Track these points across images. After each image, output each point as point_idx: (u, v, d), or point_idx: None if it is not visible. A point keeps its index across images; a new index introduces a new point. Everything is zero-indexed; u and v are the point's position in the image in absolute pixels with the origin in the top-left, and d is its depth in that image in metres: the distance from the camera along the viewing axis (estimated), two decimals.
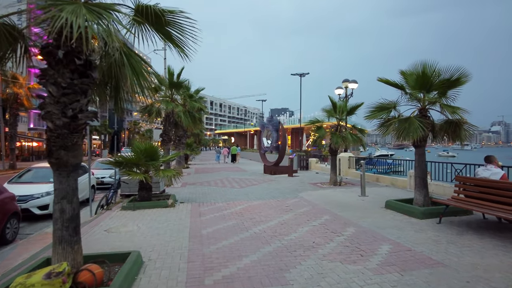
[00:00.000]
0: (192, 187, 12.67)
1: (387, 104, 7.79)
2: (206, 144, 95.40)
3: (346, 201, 8.88)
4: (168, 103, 13.12)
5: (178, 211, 8.02)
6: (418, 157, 7.37)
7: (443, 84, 6.88)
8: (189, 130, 31.43)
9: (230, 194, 10.49)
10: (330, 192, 10.54)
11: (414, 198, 7.36)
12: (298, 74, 29.07)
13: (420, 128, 6.70)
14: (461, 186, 6.38)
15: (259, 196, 9.94)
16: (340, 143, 11.61)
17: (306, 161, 19.66)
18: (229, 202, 9.03)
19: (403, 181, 11.08)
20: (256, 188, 11.89)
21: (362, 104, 11.96)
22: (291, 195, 10.10)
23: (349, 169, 15.22)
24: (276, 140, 16.64)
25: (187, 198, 9.96)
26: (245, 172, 18.57)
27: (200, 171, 20.81)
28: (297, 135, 45.15)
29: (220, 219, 7.05)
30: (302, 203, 8.64)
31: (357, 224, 6.38)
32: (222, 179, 15.09)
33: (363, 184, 9.64)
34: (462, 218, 6.65)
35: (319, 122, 12.75)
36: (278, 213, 7.47)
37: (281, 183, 13.22)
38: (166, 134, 13.65)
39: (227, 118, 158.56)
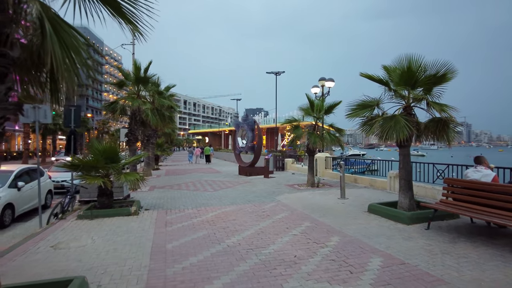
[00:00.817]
0: (161, 191, 11.71)
1: (370, 101, 7.30)
2: (179, 144, 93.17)
3: (326, 204, 8.34)
4: (134, 99, 12.06)
5: (142, 220, 7.13)
6: (402, 158, 6.93)
7: (429, 80, 6.46)
8: (159, 130, 30.21)
9: (201, 199, 9.67)
10: (308, 194, 9.98)
11: (399, 202, 6.91)
12: (274, 73, 28.57)
13: (406, 126, 6.24)
14: (449, 188, 5.97)
15: (233, 201, 9.19)
16: (318, 143, 11.10)
17: (282, 162, 19.13)
18: (200, 208, 8.22)
19: (382, 182, 10.74)
20: (231, 191, 11.14)
21: (340, 103, 11.54)
22: (267, 198, 9.44)
23: (326, 170, 14.80)
24: (252, 140, 15.96)
25: (153, 204, 9.04)
26: (219, 174, 17.74)
27: (171, 172, 19.75)
28: (273, 135, 44.80)
29: (189, 229, 6.24)
30: (280, 208, 7.99)
31: (341, 232, 5.80)
32: (194, 182, 14.19)
33: (342, 186, 9.15)
34: (449, 222, 6.26)
35: (296, 121, 12.20)
36: (254, 220, 6.76)
37: (257, 185, 12.54)
38: (132, 133, 12.59)
39: (201, 118, 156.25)
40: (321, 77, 15.02)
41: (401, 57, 6.66)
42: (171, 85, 18.69)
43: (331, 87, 14.85)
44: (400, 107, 7.01)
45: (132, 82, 12.61)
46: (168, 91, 18.49)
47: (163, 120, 13.46)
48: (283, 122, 12.43)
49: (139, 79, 12.49)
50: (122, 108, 12.31)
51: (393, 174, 9.97)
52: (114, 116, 12.62)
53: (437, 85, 6.56)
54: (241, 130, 16.99)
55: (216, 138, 73.90)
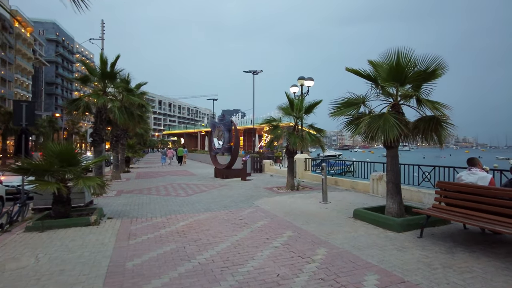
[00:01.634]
0: (129, 196, 10.73)
1: (355, 99, 6.79)
2: (154, 145, 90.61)
3: (308, 210, 7.75)
4: (99, 96, 11.00)
5: (102, 231, 6.22)
6: (390, 160, 6.45)
7: (419, 76, 6.01)
8: (131, 130, 28.80)
9: (173, 205, 8.82)
10: (289, 198, 9.38)
11: (387, 207, 6.42)
12: (251, 72, 27.92)
13: (396, 125, 5.75)
14: (442, 193, 5.52)
15: (208, 207, 8.42)
16: (298, 144, 10.54)
17: (260, 163, 18.50)
18: (170, 216, 7.39)
19: (364, 185, 10.32)
20: (205, 195, 10.34)
21: (321, 102, 11.06)
22: (245, 203, 8.74)
23: (305, 172, 14.31)
24: (228, 141, 15.20)
25: (118, 211, 8.11)
26: (194, 176, 16.84)
27: (143, 175, 18.63)
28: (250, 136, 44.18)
29: (155, 242, 5.43)
30: (259, 215, 7.32)
31: (328, 242, 5.20)
32: (166, 185, 13.25)
33: (324, 189, 8.62)
34: (442, 228, 5.82)
35: (275, 121, 11.59)
36: (230, 230, 6.04)
37: (233, 188, 11.81)
38: (98, 133, 11.51)
39: (177, 119, 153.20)
40: (300, 76, 14.53)
41: (389, 51, 6.19)
42: (142, 83, 17.60)
43: (311, 86, 14.39)
44: (388, 105, 6.54)
45: (98, 77, 11.54)
46: (139, 89, 17.39)
47: (132, 119, 12.45)
48: (261, 122, 11.81)
49: (105, 74, 11.43)
50: (86, 106, 11.19)
51: (376, 176, 9.57)
52: (77, 114, 11.48)
53: (426, 82, 6.13)
54: (217, 130, 16.19)
55: (192, 139, 72.39)
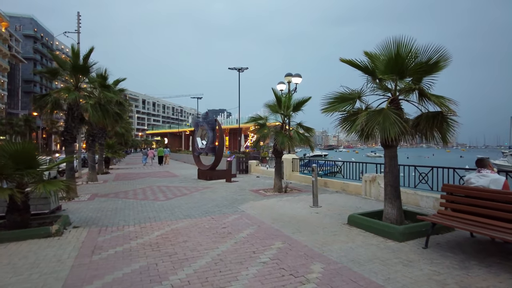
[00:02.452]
0: (103, 200, 9.84)
1: (350, 93, 6.18)
2: (137, 145, 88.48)
3: (298, 215, 7.10)
4: (70, 91, 10.04)
5: (64, 243, 5.38)
6: (389, 160, 5.86)
7: (420, 68, 5.45)
8: (110, 129, 27.55)
9: (149, 210, 8.01)
10: (276, 202, 8.71)
11: (385, 212, 5.83)
12: (236, 69, 27.11)
13: (397, 123, 5.16)
14: (449, 197, 4.95)
15: (188, 213, 7.65)
16: (286, 143, 9.90)
17: (245, 164, 17.79)
18: (145, 224, 6.59)
19: (356, 187, 9.76)
20: (186, 199, 9.55)
21: (310, 99, 10.45)
22: (229, 208, 8.01)
23: (293, 172, 13.69)
24: (212, 140, 14.43)
25: (88, 218, 7.24)
26: (176, 178, 15.97)
27: (122, 177, 17.63)
28: (235, 136, 43.41)
29: (123, 257, 4.64)
30: (245, 222, 6.61)
31: (323, 256, 4.54)
32: (144, 188, 12.37)
33: (315, 192, 7.99)
34: (446, 236, 5.26)
35: (262, 119, 10.91)
36: (212, 242, 5.31)
37: (217, 191, 11.05)
38: (69, 132, 10.53)
39: (161, 118, 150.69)
40: (288, 72, 13.91)
41: (388, 41, 5.59)
42: (121, 79, 16.61)
43: (298, 83, 13.80)
44: (386, 100, 5.95)
45: (69, 71, 10.56)
46: (117, 85, 16.39)
47: (107, 117, 11.50)
48: (247, 121, 11.12)
49: (77, 68, 10.45)
50: (55, 102, 10.19)
51: (368, 178, 9.02)
52: (45, 111, 10.45)
53: (428, 75, 5.57)
54: (200, 129, 15.38)
55: (176, 139, 70.99)
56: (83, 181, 15.31)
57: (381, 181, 8.79)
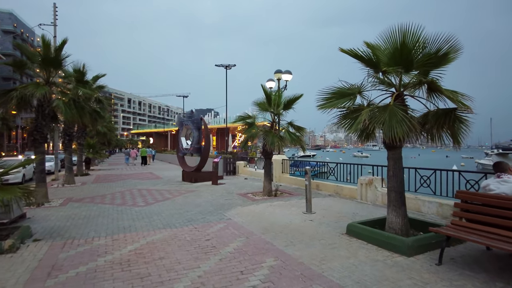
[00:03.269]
0: (76, 206, 8.94)
1: (349, 88, 5.54)
2: (122, 145, 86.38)
3: (291, 223, 6.42)
4: (39, 86, 9.09)
5: (15, 263, 4.54)
6: (393, 163, 5.24)
7: (429, 60, 4.84)
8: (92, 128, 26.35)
9: (126, 218, 7.19)
10: (266, 207, 8.02)
11: (388, 221, 5.21)
12: (224, 66, 26.28)
13: (406, 120, 4.54)
14: (464, 206, 4.35)
15: (168, 221, 6.87)
16: (277, 144, 9.22)
17: (233, 165, 17.05)
18: (118, 236, 5.79)
19: (350, 190, 9.16)
20: (168, 205, 8.75)
21: (302, 96, 9.81)
22: (215, 216, 7.27)
23: (283, 174, 13.03)
24: (198, 140, 13.63)
25: (54, 228, 6.38)
26: (159, 180, 15.08)
27: (102, 179, 16.61)
28: (223, 136, 42.55)
29: (84, 281, 3.85)
30: (231, 232, 5.88)
31: (323, 276, 3.86)
32: (124, 192, 11.48)
33: (308, 197, 7.33)
34: (459, 249, 4.67)
35: (251, 117, 10.19)
36: (193, 259, 4.56)
37: (202, 195, 10.28)
38: (39, 131, 9.57)
39: (147, 118, 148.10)
40: (277, 69, 13.25)
41: (393, 29, 4.96)
42: (100, 75, 15.62)
43: (289, 80, 13.16)
44: (389, 96, 5.33)
45: (38, 63, 9.57)
46: (96, 82, 15.40)
47: (83, 115, 10.57)
48: (235, 120, 10.41)
49: (48, 60, 9.47)
50: (21, 98, 9.18)
51: (364, 181, 8.42)
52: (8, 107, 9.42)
53: (436, 68, 4.97)
54: (185, 129, 14.55)
55: (162, 139, 69.57)
56: (59, 183, 14.27)
57: (378, 184, 8.22)
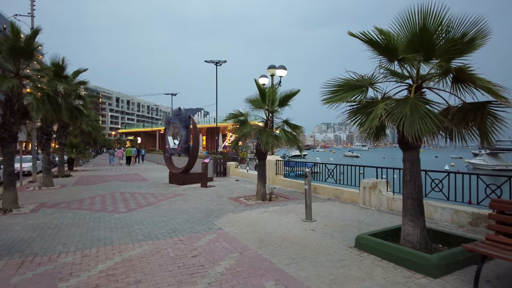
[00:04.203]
0: (49, 212, 8.01)
1: (358, 80, 4.81)
2: (109, 145, 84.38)
3: (290, 234, 5.67)
4: (6, 78, 8.10)
5: None
6: (410, 166, 4.53)
7: (454, 46, 4.15)
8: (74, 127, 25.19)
9: (102, 228, 6.33)
10: (261, 214, 7.25)
11: (404, 232, 4.51)
12: (214, 62, 25.33)
13: (430, 115, 3.83)
14: (501, 218, 3.66)
15: (149, 231, 6.03)
16: (273, 144, 8.47)
17: (223, 166, 16.22)
18: (90, 251, 4.93)
19: (351, 194, 8.46)
20: (151, 211, 7.90)
21: (299, 92, 9.07)
22: (203, 224, 6.46)
23: (276, 176, 12.28)
24: (186, 140, 12.76)
25: (16, 241, 5.47)
26: (144, 183, 14.14)
27: (84, 181, 15.57)
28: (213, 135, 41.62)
29: None
30: (222, 246, 5.08)
31: None
32: (105, 195, 10.55)
33: (308, 203, 6.59)
34: (490, 267, 3.98)
35: (243, 115, 9.40)
36: (176, 283, 3.75)
37: (190, 199, 9.44)
38: (7, 128, 8.58)
39: (135, 117, 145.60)
40: (271, 64, 12.51)
41: (411, 10, 4.25)
42: (81, 69, 14.56)
43: (283, 76, 12.42)
44: (406, 88, 4.63)
45: (5, 53, 8.55)
46: (76, 76, 14.37)
47: (58, 112, 9.59)
48: (226, 118, 9.60)
49: (16, 50, 8.48)
50: None
51: (368, 184, 7.73)
52: None
53: (459, 56, 4.30)
54: (172, 127, 13.65)
55: (150, 139, 68.13)
56: (35, 186, 13.22)
57: (383, 188, 7.54)
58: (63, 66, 13.40)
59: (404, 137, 4.43)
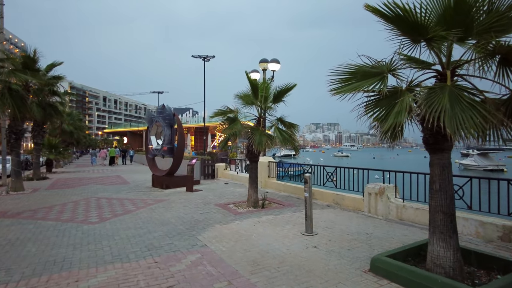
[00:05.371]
0: (7, 223, 6.90)
1: (373, 66, 3.91)
2: (96, 145, 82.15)
3: (289, 252, 4.72)
4: None
5: None
6: (440, 172, 3.64)
7: (498, 22, 3.28)
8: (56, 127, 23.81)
9: (65, 244, 5.27)
10: (253, 226, 6.29)
11: (432, 253, 3.62)
12: (201, 57, 24.13)
13: (477, 108, 2.94)
14: None
15: (121, 248, 5.00)
16: (266, 144, 7.53)
17: (211, 168, 15.20)
18: (38, 280, 3.88)
19: (354, 200, 7.58)
20: (127, 221, 6.85)
21: (295, 86, 8.15)
22: (185, 240, 5.45)
23: (269, 179, 11.35)
24: (170, 139, 11.70)
25: None
26: (125, 186, 13.00)
27: (60, 183, 14.34)
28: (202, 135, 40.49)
29: None
30: (206, 272, 4.10)
31: None
32: (78, 201, 9.42)
33: (309, 214, 5.66)
34: None
35: (232, 111, 8.42)
36: None
37: (173, 207, 8.41)
38: None
39: (123, 116, 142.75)
40: (262, 58, 11.57)
41: None
42: (56, 63, 13.37)
43: (276, 70, 11.50)
44: (435, 75, 3.73)
45: None
46: (50, 70, 13.16)
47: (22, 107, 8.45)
48: (213, 114, 8.59)
49: None
50: None
51: (374, 190, 6.85)
52: None
53: (507, 34, 3.42)
54: (155, 126, 12.55)
55: (137, 138, 66.42)
56: (3, 191, 11.96)
57: (391, 194, 6.68)
58: (34, 58, 12.21)
59: (432, 135, 3.56)
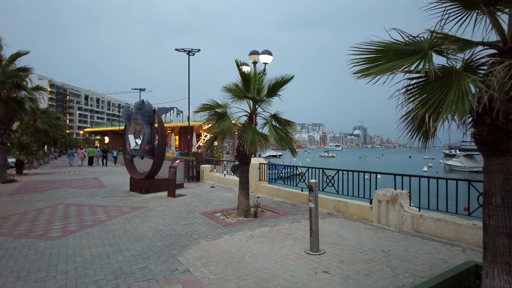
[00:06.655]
0: None
1: (407, 43, 2.98)
2: (76, 145, 79.25)
3: (295, 282, 3.74)
4: None
5: None
6: (501, 181, 2.73)
7: None
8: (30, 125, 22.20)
9: (7, 272, 4.11)
10: (246, 242, 5.27)
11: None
12: (185, 51, 22.76)
13: None
14: None
15: (78, 278, 3.89)
16: (260, 144, 6.53)
17: (196, 169, 14.08)
18: None
19: (359, 208, 6.67)
20: (95, 235, 5.72)
21: (292, 78, 7.19)
22: (163, 263, 4.38)
23: (260, 182, 10.35)
24: (149, 138, 10.54)
25: None
26: (101, 190, 11.74)
27: (28, 187, 12.92)
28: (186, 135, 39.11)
29: None
30: None
31: None
32: (43, 209, 8.17)
33: (314, 228, 4.69)
34: None
35: (221, 107, 7.38)
36: None
37: (151, 216, 7.29)
38: None
39: (105, 116, 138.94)
40: (253, 50, 10.59)
41: None
42: (22, 52, 11.99)
43: (268, 63, 10.52)
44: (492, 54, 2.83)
45: None
46: (13, 61, 11.77)
47: None
48: (199, 109, 7.53)
49: None
50: None
51: (384, 197, 5.95)
52: None
53: None
54: (134, 124, 11.35)
55: (119, 138, 64.12)
56: None
57: (405, 202, 5.80)
58: None
59: (492, 132, 2.66)
